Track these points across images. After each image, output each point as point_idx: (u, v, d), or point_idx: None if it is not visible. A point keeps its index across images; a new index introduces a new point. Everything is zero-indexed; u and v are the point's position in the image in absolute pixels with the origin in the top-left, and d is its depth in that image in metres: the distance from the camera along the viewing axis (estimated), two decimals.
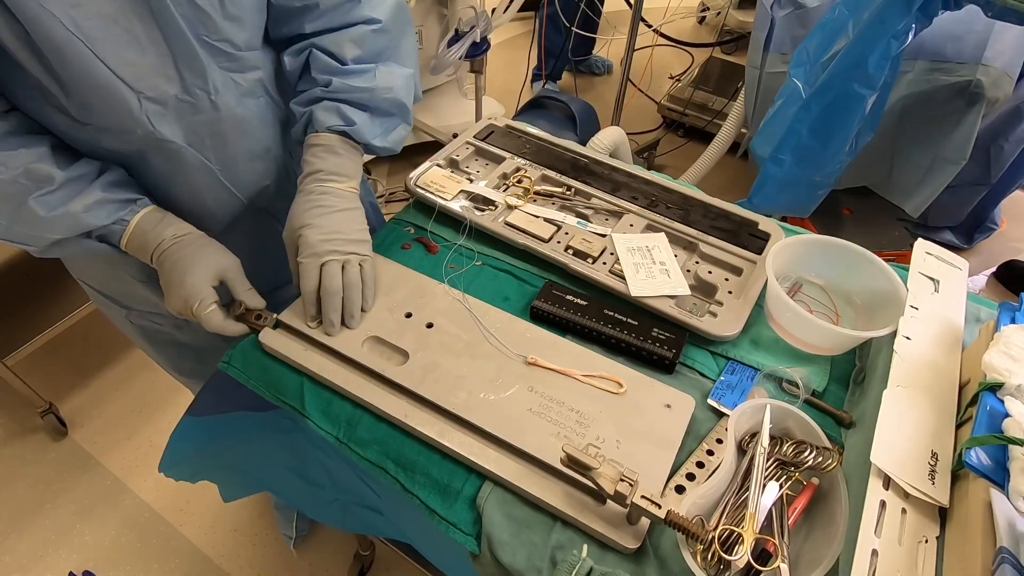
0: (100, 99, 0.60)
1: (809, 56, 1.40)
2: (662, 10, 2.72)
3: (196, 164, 0.70)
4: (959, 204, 1.81)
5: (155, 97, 0.63)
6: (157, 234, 0.69)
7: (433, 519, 0.60)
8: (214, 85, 0.66)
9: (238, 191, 0.77)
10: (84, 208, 0.64)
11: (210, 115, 0.68)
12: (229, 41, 0.65)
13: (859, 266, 0.75)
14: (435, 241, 0.86)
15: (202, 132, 0.69)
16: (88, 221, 0.65)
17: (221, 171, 0.73)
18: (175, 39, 0.61)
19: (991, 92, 1.45)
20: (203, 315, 0.67)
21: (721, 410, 0.67)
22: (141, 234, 0.68)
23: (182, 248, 0.69)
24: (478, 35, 1.65)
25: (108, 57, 0.57)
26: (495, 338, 0.71)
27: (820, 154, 1.47)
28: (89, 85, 0.58)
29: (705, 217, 0.88)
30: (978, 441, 0.50)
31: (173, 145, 0.67)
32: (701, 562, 0.51)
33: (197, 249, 0.69)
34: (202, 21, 0.62)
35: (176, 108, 0.65)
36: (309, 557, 1.37)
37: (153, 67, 0.61)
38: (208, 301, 0.68)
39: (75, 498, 1.45)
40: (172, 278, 0.68)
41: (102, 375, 1.70)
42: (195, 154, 0.70)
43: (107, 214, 0.66)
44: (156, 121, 0.64)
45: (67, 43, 0.54)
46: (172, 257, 0.68)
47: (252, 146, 0.75)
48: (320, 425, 0.66)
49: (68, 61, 0.55)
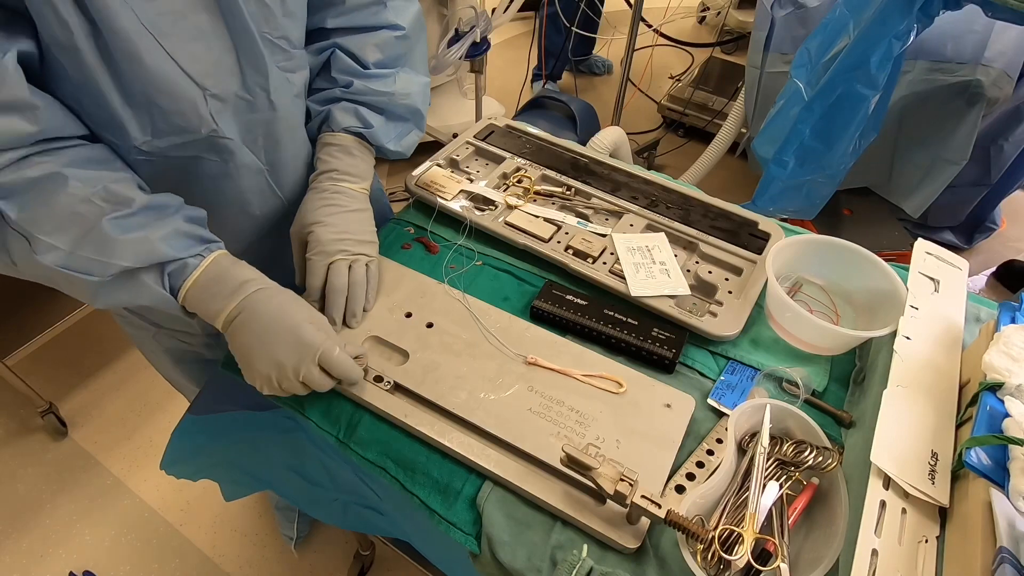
0: (166, 98, 0.58)
1: (811, 57, 1.40)
2: (662, 10, 2.72)
3: (248, 165, 0.69)
4: (959, 204, 1.81)
5: (218, 94, 0.62)
6: (239, 274, 0.63)
7: (433, 519, 0.60)
8: (273, 83, 0.66)
9: (282, 194, 0.76)
10: (164, 235, 0.59)
11: (266, 114, 0.67)
12: (286, 38, 0.65)
13: (859, 266, 0.75)
14: (435, 241, 0.86)
15: (257, 131, 0.68)
16: (163, 250, 0.58)
17: (270, 172, 0.72)
18: (240, 34, 0.60)
19: (991, 92, 1.45)
20: (334, 359, 0.61)
21: (721, 410, 0.67)
22: (218, 272, 0.62)
23: (283, 294, 0.64)
24: (478, 35, 1.65)
25: (177, 53, 0.57)
26: (495, 338, 0.71)
27: (824, 155, 1.47)
28: (155, 84, 0.57)
29: (705, 217, 0.88)
30: (978, 441, 0.50)
31: (231, 144, 0.65)
32: (701, 562, 0.51)
33: (297, 298, 0.65)
34: (265, 17, 0.62)
35: (235, 105, 0.64)
36: (309, 557, 1.37)
37: (217, 63, 0.60)
38: (335, 346, 0.62)
39: (75, 498, 1.45)
40: (279, 324, 0.61)
41: (102, 375, 1.70)
42: (248, 153, 0.68)
43: (186, 245, 0.61)
44: (218, 118, 0.63)
45: (139, 38, 0.53)
46: (276, 300, 0.62)
47: (297, 148, 0.75)
48: (320, 425, 0.66)
49: (136, 57, 0.54)
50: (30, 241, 0.54)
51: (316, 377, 0.61)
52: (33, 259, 0.55)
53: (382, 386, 0.66)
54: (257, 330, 0.61)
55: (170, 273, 0.60)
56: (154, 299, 0.61)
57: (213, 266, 0.62)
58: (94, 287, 0.58)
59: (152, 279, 0.60)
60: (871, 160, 1.65)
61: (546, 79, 2.77)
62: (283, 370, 0.60)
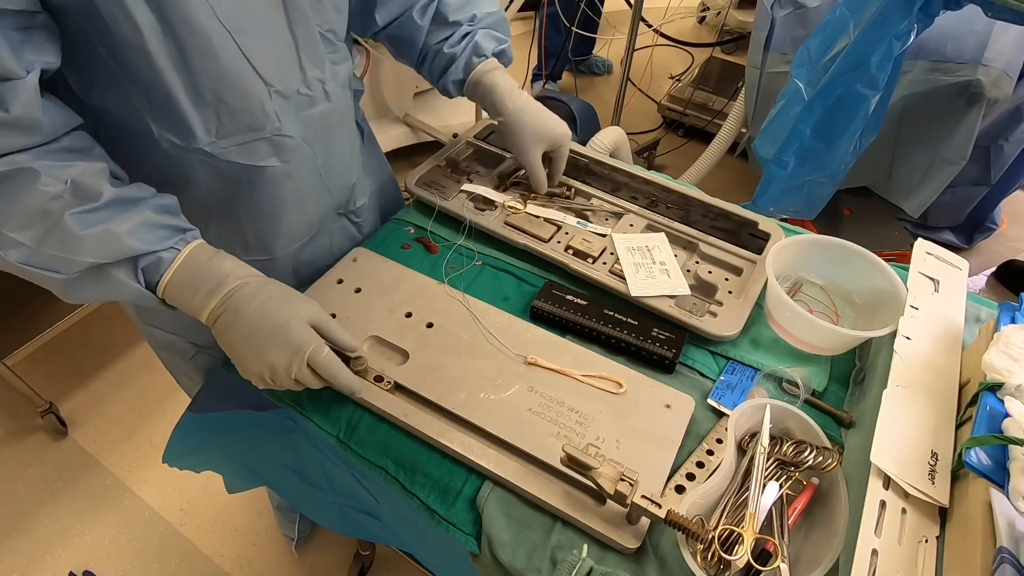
0: (235, 96, 0.58)
1: (811, 57, 1.40)
2: (662, 10, 2.72)
3: (307, 163, 0.70)
4: (959, 204, 1.81)
5: (281, 90, 0.62)
6: (218, 268, 0.59)
7: (433, 519, 0.60)
8: (327, 75, 0.67)
9: (333, 190, 0.78)
10: (129, 229, 0.55)
11: (323, 107, 0.68)
12: (333, 32, 0.66)
13: (859, 266, 0.75)
14: (435, 241, 0.86)
15: (316, 127, 0.69)
16: (131, 244, 0.55)
17: (324, 169, 0.73)
18: (301, 29, 0.61)
19: (991, 92, 1.45)
20: (322, 360, 0.59)
21: (721, 410, 0.67)
22: (196, 266, 0.59)
23: (265, 289, 0.60)
24: None
25: (249, 49, 0.57)
26: (495, 338, 0.71)
27: (824, 155, 1.47)
28: (227, 81, 0.57)
29: (705, 217, 0.88)
30: (978, 441, 0.50)
31: (291, 143, 0.66)
32: (701, 562, 0.51)
33: (284, 292, 0.61)
34: (317, 11, 0.62)
35: (297, 103, 0.65)
36: (309, 557, 1.37)
37: (280, 59, 0.61)
38: (324, 345, 0.60)
39: (75, 498, 1.45)
40: (265, 324, 0.58)
41: (102, 375, 1.70)
42: (308, 151, 0.69)
43: (157, 238, 0.57)
44: (282, 116, 0.63)
45: (215, 34, 0.53)
46: (259, 299, 0.59)
47: (346, 141, 0.77)
48: (320, 425, 0.66)
49: (211, 54, 0.54)
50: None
51: (308, 377, 0.60)
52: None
53: (382, 386, 0.66)
54: (243, 331, 0.59)
55: (144, 268, 0.58)
56: (131, 295, 0.58)
57: (189, 260, 0.59)
58: (62, 284, 0.56)
59: (125, 274, 0.57)
60: (871, 160, 1.65)
61: (546, 79, 2.77)
62: (274, 370, 0.59)
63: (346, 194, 0.82)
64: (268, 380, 0.60)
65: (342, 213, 0.85)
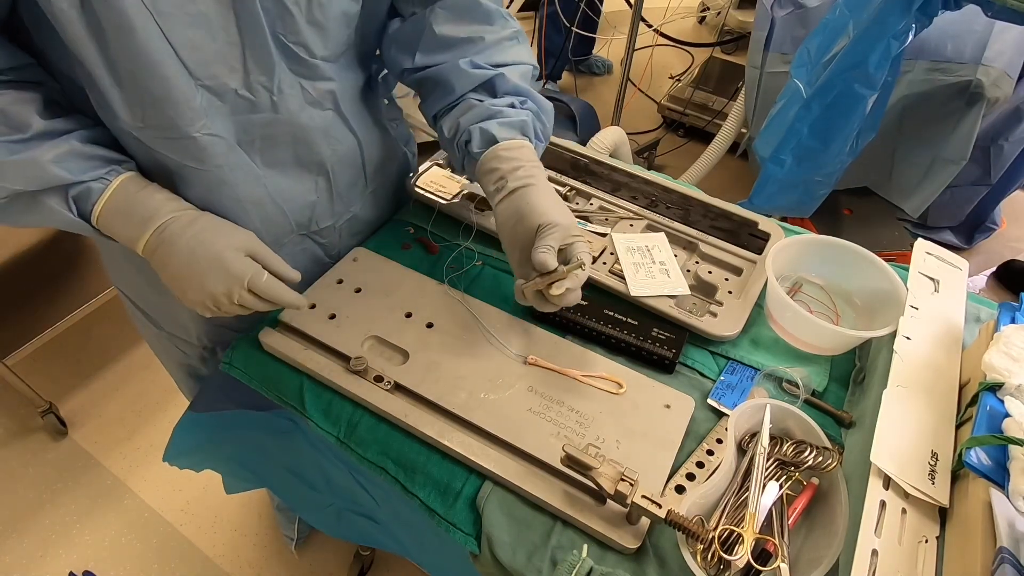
0: (156, 84, 0.55)
1: (810, 56, 1.40)
2: (662, 10, 2.71)
3: (243, 170, 0.66)
4: (959, 204, 1.81)
5: (213, 87, 0.59)
6: (149, 200, 0.60)
7: (433, 519, 0.60)
8: (279, 86, 0.63)
9: (283, 204, 0.73)
10: (54, 157, 0.55)
11: (267, 116, 0.64)
12: (305, 46, 0.63)
13: (859, 266, 0.75)
14: (435, 241, 0.86)
15: (254, 133, 0.65)
16: (55, 173, 0.56)
17: (267, 179, 0.69)
18: (248, 29, 0.58)
19: (991, 92, 1.45)
20: (263, 285, 0.61)
21: (721, 410, 0.67)
22: (126, 197, 0.60)
23: (198, 221, 0.61)
24: None
25: (174, 36, 0.54)
26: (495, 338, 0.71)
27: (821, 154, 1.47)
28: (146, 65, 0.54)
29: (705, 217, 0.88)
30: (978, 441, 0.50)
31: (223, 144, 0.63)
32: (701, 562, 0.51)
33: (217, 224, 0.63)
34: (282, 18, 0.60)
35: (233, 103, 0.62)
36: (309, 557, 1.37)
37: (219, 55, 0.58)
38: (262, 271, 0.62)
39: (75, 498, 1.45)
40: (201, 255, 0.60)
41: (102, 375, 1.70)
42: (243, 155, 0.66)
43: (81, 169, 0.58)
44: (210, 114, 0.60)
45: (134, 12, 0.51)
46: (191, 230, 0.60)
47: (303, 155, 0.71)
48: (320, 425, 0.66)
49: (130, 36, 0.51)
50: None
51: (251, 301, 0.62)
52: None
53: (382, 386, 0.66)
54: (180, 262, 0.60)
55: (74, 197, 0.59)
56: (64, 222, 0.60)
57: (120, 190, 0.60)
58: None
59: (55, 202, 0.58)
60: (871, 160, 1.65)
61: (546, 79, 2.77)
62: (217, 298, 0.61)
63: (305, 213, 0.76)
64: (213, 308, 0.62)
65: (304, 233, 0.79)
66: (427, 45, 0.70)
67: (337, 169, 0.76)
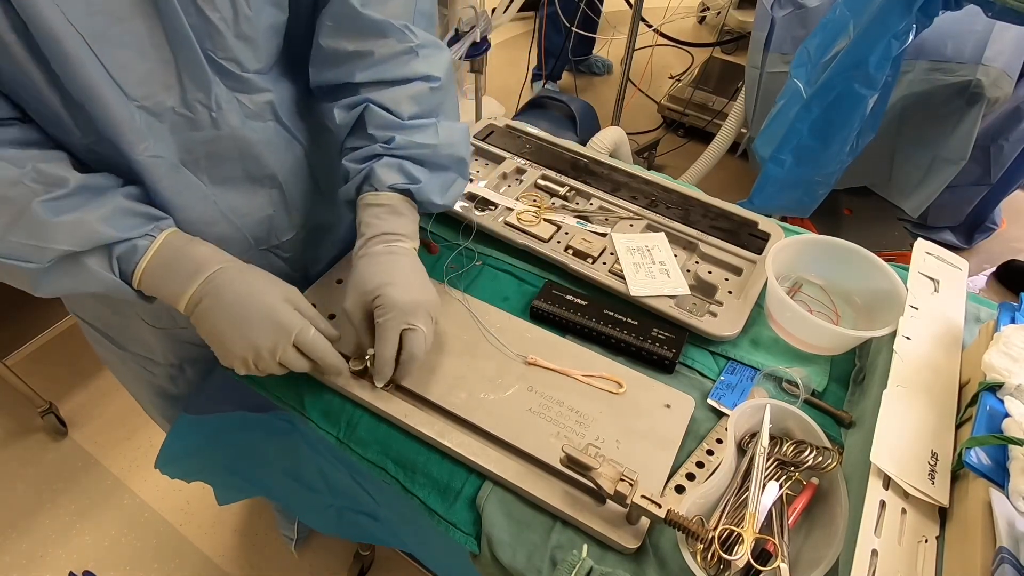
0: (95, 106, 0.54)
1: (810, 56, 1.40)
2: (662, 10, 2.72)
3: (192, 187, 0.64)
4: (959, 204, 1.81)
5: (150, 107, 0.57)
6: (196, 254, 0.59)
7: (433, 519, 0.60)
8: (217, 101, 0.60)
9: (238, 221, 0.70)
10: (101, 217, 0.54)
11: (209, 133, 0.62)
12: (236, 61, 0.60)
13: (859, 266, 0.75)
14: (435, 241, 0.86)
15: (198, 151, 0.63)
16: (105, 231, 0.54)
17: (217, 197, 0.67)
18: (180, 47, 0.56)
19: (991, 92, 1.45)
20: (310, 340, 0.59)
21: (721, 410, 0.67)
22: (172, 252, 0.58)
23: (247, 272, 0.60)
24: (478, 35, 1.65)
25: (106, 58, 0.53)
26: (495, 338, 0.71)
27: (821, 154, 1.47)
28: (85, 89, 0.53)
29: (705, 217, 0.88)
30: (978, 441, 0.50)
31: (165, 163, 0.60)
32: (701, 562, 0.51)
33: (266, 276, 0.61)
34: (210, 35, 0.57)
35: (172, 122, 0.59)
36: (309, 557, 1.37)
37: (152, 73, 0.56)
38: (310, 326, 0.60)
39: (75, 498, 1.45)
40: (251, 305, 0.58)
41: (102, 375, 1.70)
42: (189, 175, 0.63)
43: (131, 225, 0.56)
44: (151, 134, 0.58)
45: (66, 37, 0.50)
46: (237, 283, 0.58)
47: (252, 170, 0.68)
48: (320, 425, 0.66)
49: (64, 59, 0.50)
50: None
51: (293, 358, 0.60)
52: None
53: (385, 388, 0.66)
54: (227, 313, 0.58)
55: (119, 256, 0.57)
56: (104, 285, 0.57)
57: (165, 247, 0.58)
58: (33, 275, 0.54)
59: (98, 263, 0.56)
60: (871, 160, 1.65)
61: (546, 79, 2.77)
62: (260, 353, 0.58)
63: (263, 228, 0.73)
64: (251, 365, 0.59)
65: (265, 249, 0.76)
66: (316, 59, 0.67)
67: (288, 180, 0.73)
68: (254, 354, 0.58)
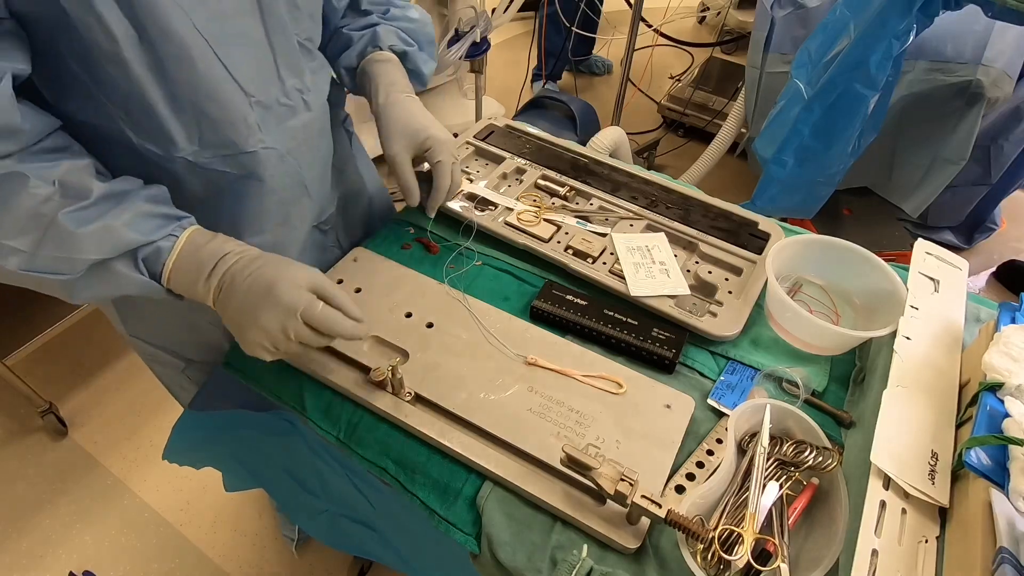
0: (215, 106, 0.57)
1: (811, 57, 1.40)
2: (662, 10, 2.71)
3: (291, 175, 0.68)
4: (959, 204, 1.80)
5: (262, 100, 0.61)
6: (216, 249, 0.59)
7: (433, 519, 0.60)
8: (307, 84, 0.66)
9: (316, 201, 0.76)
10: (126, 221, 0.55)
11: (305, 117, 0.67)
12: (311, 39, 0.66)
13: (859, 266, 0.75)
14: (435, 241, 0.86)
15: (298, 137, 0.67)
16: (130, 236, 0.55)
17: (309, 181, 0.72)
18: (277, 36, 0.60)
19: (991, 92, 1.45)
20: (318, 315, 0.58)
21: (721, 410, 0.67)
22: (195, 250, 0.59)
23: (258, 260, 0.60)
24: (478, 35, 1.65)
25: (227, 58, 0.56)
26: (495, 338, 0.71)
27: (823, 155, 1.47)
28: (206, 91, 0.56)
29: (705, 217, 0.88)
30: (978, 441, 0.50)
31: (276, 155, 0.64)
32: (701, 562, 0.51)
33: (277, 260, 0.61)
34: (297, 19, 0.62)
35: (278, 113, 0.63)
36: (309, 558, 1.37)
37: (260, 68, 0.60)
38: (317, 301, 0.59)
39: (75, 498, 1.45)
40: (256, 289, 0.58)
41: (102, 375, 1.70)
42: (293, 163, 0.67)
43: (153, 227, 0.57)
44: (264, 128, 0.62)
45: (191, 42, 0.52)
46: (248, 271, 0.59)
47: (326, 151, 0.76)
48: (320, 425, 0.66)
49: (187, 63, 0.53)
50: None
51: (308, 335, 0.59)
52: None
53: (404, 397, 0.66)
54: (238, 302, 0.58)
55: (144, 259, 0.58)
56: (136, 287, 0.58)
57: (188, 246, 0.59)
58: (67, 285, 0.56)
59: (126, 267, 0.57)
60: (871, 160, 1.65)
61: (546, 79, 2.77)
62: (272, 334, 0.58)
63: (325, 205, 0.80)
64: (272, 348, 0.60)
65: (314, 226, 0.81)
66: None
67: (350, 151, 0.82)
68: (269, 338, 0.59)
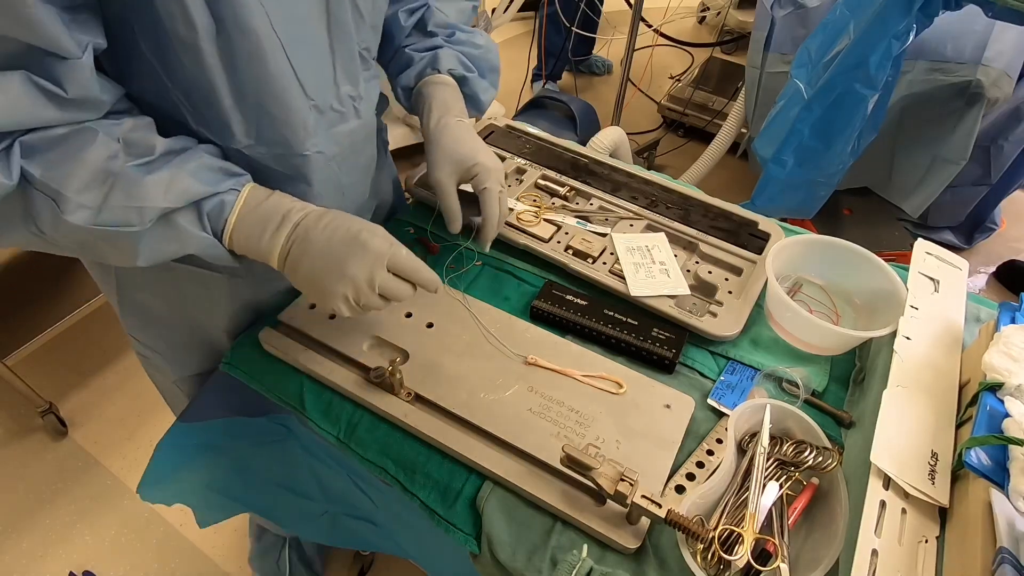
0: (277, 106, 0.58)
1: (811, 57, 1.40)
2: (662, 10, 2.71)
3: (331, 181, 0.69)
4: (959, 204, 1.81)
5: (319, 105, 0.62)
6: (278, 203, 0.60)
7: (433, 519, 0.60)
8: (360, 92, 0.66)
9: (351, 209, 0.74)
10: (191, 171, 0.55)
11: (353, 124, 0.67)
12: (369, 49, 0.66)
13: (859, 266, 0.75)
14: (435, 241, 0.86)
15: (343, 144, 0.68)
16: (196, 186, 0.55)
17: (347, 187, 0.72)
18: (340, 42, 0.60)
19: (991, 92, 1.45)
20: (403, 259, 0.60)
21: (721, 410, 0.67)
22: (256, 204, 0.59)
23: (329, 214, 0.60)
24: None
25: (295, 60, 0.57)
26: (495, 338, 0.71)
27: (823, 155, 1.47)
28: (271, 90, 0.56)
29: (705, 217, 0.88)
30: (978, 441, 0.50)
31: (322, 160, 0.65)
32: (701, 562, 0.51)
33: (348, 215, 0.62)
34: (360, 29, 0.62)
35: (329, 118, 0.64)
36: None
37: (320, 72, 0.60)
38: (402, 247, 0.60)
39: (75, 498, 1.45)
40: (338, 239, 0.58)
41: (102, 375, 1.70)
42: (335, 170, 0.68)
43: (216, 179, 0.57)
44: (317, 131, 0.63)
45: (267, 40, 0.53)
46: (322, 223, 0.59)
47: (367, 159, 0.76)
48: (320, 425, 0.66)
49: (259, 60, 0.54)
50: (57, 202, 0.50)
51: (392, 284, 0.60)
52: (62, 222, 0.51)
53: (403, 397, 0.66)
54: (319, 252, 0.58)
55: (208, 213, 0.57)
56: (199, 245, 0.57)
57: (251, 199, 0.59)
58: (135, 238, 0.54)
59: (190, 222, 0.56)
60: (871, 160, 1.65)
61: (546, 79, 2.77)
62: (358, 284, 0.58)
63: (361, 213, 0.78)
64: (353, 301, 0.60)
65: None
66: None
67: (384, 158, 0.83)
68: (353, 289, 0.59)
